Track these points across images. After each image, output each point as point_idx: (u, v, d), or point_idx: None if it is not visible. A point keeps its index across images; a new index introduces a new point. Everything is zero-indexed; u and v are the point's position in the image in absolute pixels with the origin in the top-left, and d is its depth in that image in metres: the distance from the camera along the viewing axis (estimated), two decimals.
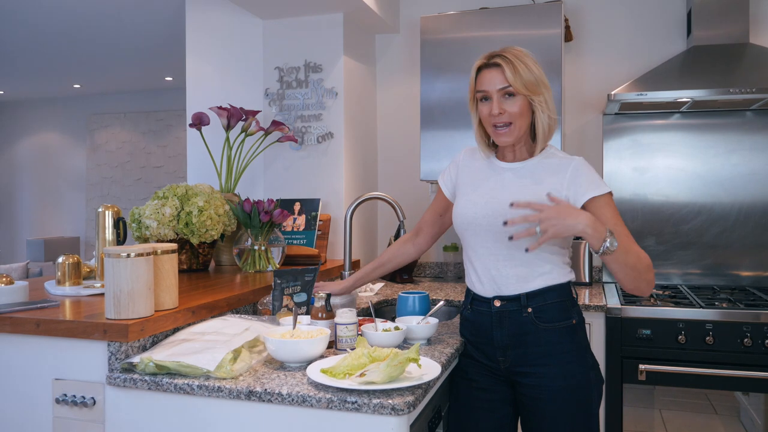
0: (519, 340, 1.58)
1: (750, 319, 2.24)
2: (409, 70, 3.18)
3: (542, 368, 1.56)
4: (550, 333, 1.57)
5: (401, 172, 3.22)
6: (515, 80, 1.52)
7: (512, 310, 1.59)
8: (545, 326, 1.57)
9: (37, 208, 8.58)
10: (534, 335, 1.57)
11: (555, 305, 1.57)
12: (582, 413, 1.55)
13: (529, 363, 1.58)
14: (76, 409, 1.48)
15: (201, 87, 3.07)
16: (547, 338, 1.56)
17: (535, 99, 1.54)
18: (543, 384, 1.56)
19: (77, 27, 4.97)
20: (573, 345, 1.57)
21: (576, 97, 2.98)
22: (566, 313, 1.58)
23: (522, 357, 1.59)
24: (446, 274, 3.05)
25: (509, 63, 1.53)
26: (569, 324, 1.58)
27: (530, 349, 1.57)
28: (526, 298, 1.57)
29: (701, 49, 2.66)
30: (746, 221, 2.78)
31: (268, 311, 1.85)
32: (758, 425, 2.26)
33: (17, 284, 1.70)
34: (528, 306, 1.57)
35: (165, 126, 7.99)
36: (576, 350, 1.57)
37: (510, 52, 1.56)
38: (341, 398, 1.24)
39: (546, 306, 1.57)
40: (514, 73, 1.52)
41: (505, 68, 1.53)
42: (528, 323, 1.57)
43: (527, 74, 1.52)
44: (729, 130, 2.80)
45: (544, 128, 1.56)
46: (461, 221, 1.66)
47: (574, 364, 1.56)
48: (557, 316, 1.57)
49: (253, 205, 2.27)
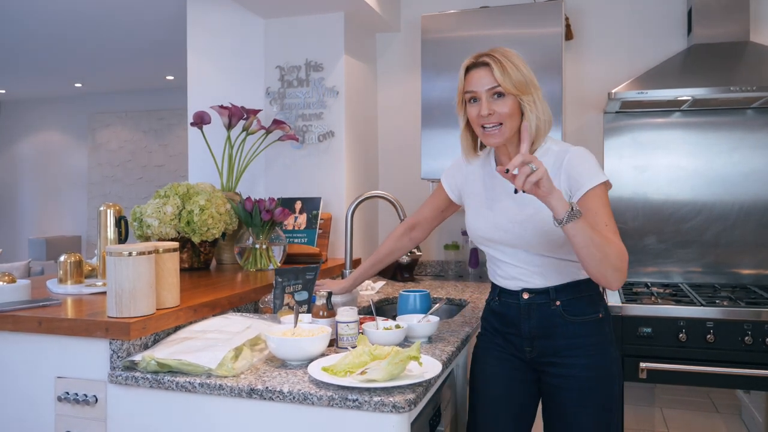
0: (547, 332, 1.60)
1: (751, 317, 2.24)
2: (410, 69, 3.19)
3: (568, 359, 1.58)
4: (578, 326, 1.58)
5: (402, 170, 3.22)
6: (504, 80, 1.51)
7: (540, 303, 1.60)
8: (573, 319, 1.58)
9: (39, 207, 8.60)
10: (562, 327, 1.58)
11: (583, 299, 1.59)
12: (603, 406, 1.56)
13: (555, 354, 1.60)
14: (78, 407, 1.49)
15: (202, 86, 3.07)
16: (574, 330, 1.58)
17: (524, 99, 1.52)
18: (568, 374, 1.58)
19: (78, 26, 4.98)
20: (599, 338, 1.58)
21: (576, 95, 2.98)
22: (594, 307, 1.60)
23: (549, 348, 1.60)
24: (447, 272, 3.05)
25: (498, 62, 1.52)
26: (596, 317, 1.59)
27: (558, 341, 1.59)
28: (555, 291, 1.59)
29: (702, 48, 2.66)
30: (747, 219, 2.78)
31: (270, 310, 1.85)
32: (759, 423, 2.26)
33: (19, 283, 1.70)
34: (556, 299, 1.59)
35: (166, 125, 8.00)
36: (601, 343, 1.58)
37: (498, 51, 1.55)
38: (342, 396, 1.25)
39: (574, 299, 1.59)
40: (503, 72, 1.51)
41: (494, 68, 1.52)
42: (556, 316, 1.59)
43: (516, 74, 1.51)
44: (730, 129, 2.80)
45: (531, 129, 1.53)
46: (476, 236, 1.70)
47: (598, 356, 1.57)
48: (585, 310, 1.59)
49: (255, 203, 2.27)
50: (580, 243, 1.37)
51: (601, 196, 1.50)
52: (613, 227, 1.48)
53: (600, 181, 1.50)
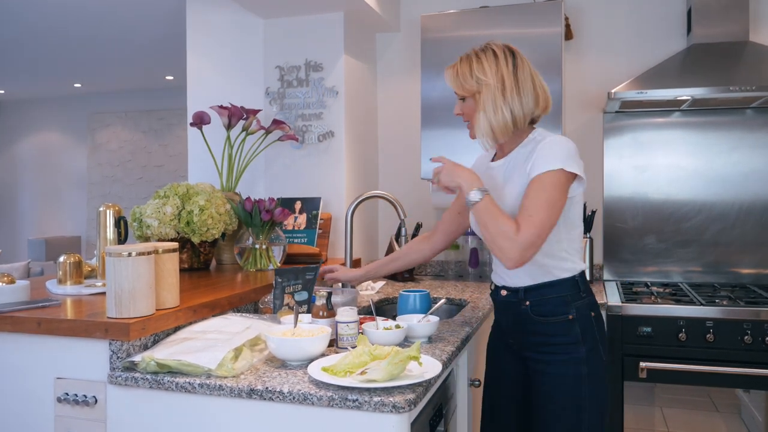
0: (520, 328, 1.67)
1: (750, 316, 2.24)
2: (410, 69, 3.18)
3: (540, 355, 1.64)
4: (547, 325, 1.62)
5: (402, 170, 3.22)
6: (455, 84, 1.64)
7: (513, 301, 1.67)
8: (541, 319, 1.62)
9: (39, 208, 8.60)
10: (531, 326, 1.64)
11: (552, 300, 1.61)
12: (571, 405, 1.59)
13: (530, 348, 1.67)
14: (77, 407, 1.49)
15: (202, 86, 3.07)
16: (543, 329, 1.62)
17: (476, 98, 1.61)
18: (542, 370, 1.63)
19: (78, 26, 4.98)
20: (568, 338, 1.60)
21: (576, 95, 2.98)
22: (564, 308, 1.60)
23: (525, 342, 1.68)
24: (447, 272, 3.05)
25: (453, 68, 1.64)
26: (565, 318, 1.60)
27: (530, 338, 1.66)
28: (524, 291, 1.64)
29: (701, 47, 2.66)
30: (747, 219, 2.78)
31: (269, 310, 1.85)
32: (759, 422, 2.26)
33: (18, 283, 1.70)
34: (525, 299, 1.64)
35: (166, 125, 8.00)
36: (571, 343, 1.60)
37: (470, 51, 1.64)
38: (342, 396, 1.25)
39: (543, 300, 1.62)
40: (455, 77, 1.63)
41: (449, 72, 1.65)
42: (526, 315, 1.64)
43: (465, 77, 1.60)
44: (729, 128, 2.80)
45: (482, 126, 1.59)
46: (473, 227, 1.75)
47: (566, 355, 1.60)
48: (554, 311, 1.61)
49: (254, 203, 2.27)
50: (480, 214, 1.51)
51: (546, 182, 1.50)
52: (540, 211, 1.46)
53: (550, 167, 1.50)
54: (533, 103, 1.61)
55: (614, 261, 2.92)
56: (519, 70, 1.60)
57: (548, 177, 1.50)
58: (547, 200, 1.48)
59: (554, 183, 1.50)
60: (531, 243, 1.46)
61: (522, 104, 1.59)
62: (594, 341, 1.61)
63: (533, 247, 1.47)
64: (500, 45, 1.64)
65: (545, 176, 1.50)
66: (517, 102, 1.58)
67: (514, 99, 1.58)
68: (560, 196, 1.51)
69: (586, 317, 1.62)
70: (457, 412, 1.83)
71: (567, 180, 1.52)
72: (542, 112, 1.65)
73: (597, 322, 1.63)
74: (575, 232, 1.64)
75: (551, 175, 1.50)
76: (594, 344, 1.61)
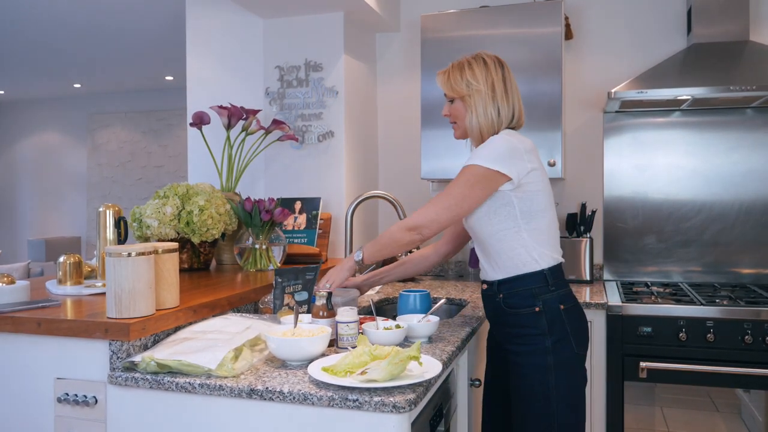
0: (497, 320, 1.78)
1: (751, 316, 2.24)
2: (410, 69, 3.18)
3: (512, 346, 1.73)
4: (517, 317, 1.70)
5: (402, 170, 3.22)
6: (446, 86, 1.76)
7: (490, 294, 1.77)
8: (511, 311, 1.71)
9: (38, 208, 8.59)
10: (504, 317, 1.74)
11: (520, 293, 1.69)
12: (538, 394, 1.65)
13: (507, 341, 1.76)
14: (77, 408, 1.49)
15: (201, 86, 3.07)
16: (514, 321, 1.71)
17: (466, 101, 1.73)
18: (513, 359, 1.72)
19: (77, 27, 4.98)
20: (535, 329, 1.67)
21: (576, 95, 2.98)
22: (531, 300, 1.68)
23: (501, 334, 1.78)
24: (447, 272, 3.05)
25: (445, 72, 1.77)
26: (532, 311, 1.68)
27: (505, 329, 1.76)
28: (498, 284, 1.73)
29: (701, 47, 2.66)
30: (747, 219, 2.78)
31: (270, 310, 1.85)
32: (759, 422, 2.26)
33: (18, 284, 1.70)
34: (499, 292, 1.73)
35: (166, 125, 8.00)
36: (538, 335, 1.67)
37: (461, 58, 1.78)
38: (342, 396, 1.25)
39: (513, 293, 1.70)
40: (446, 80, 1.76)
41: (441, 75, 1.78)
42: (500, 307, 1.73)
43: (456, 80, 1.73)
44: (729, 128, 2.80)
45: (471, 127, 1.72)
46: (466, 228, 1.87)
47: (533, 346, 1.67)
48: (522, 303, 1.69)
49: (254, 204, 2.27)
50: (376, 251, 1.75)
51: (468, 174, 1.64)
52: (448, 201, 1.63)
53: (469, 162, 1.65)
54: (514, 112, 1.74)
55: (614, 261, 2.92)
56: (507, 80, 1.74)
57: (465, 170, 1.65)
58: (452, 192, 1.64)
59: (467, 177, 1.63)
60: (420, 224, 1.65)
61: (507, 109, 1.72)
62: (562, 333, 1.66)
63: (424, 228, 1.65)
64: (491, 55, 1.76)
65: (463, 169, 1.66)
66: (504, 106, 1.72)
67: (503, 103, 1.71)
68: (469, 191, 1.63)
69: (554, 310, 1.67)
70: (458, 411, 1.83)
71: (483, 176, 1.62)
72: (516, 125, 1.76)
73: (567, 314, 1.68)
74: (538, 223, 1.69)
75: (467, 169, 1.65)
76: (562, 336, 1.66)
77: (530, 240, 1.67)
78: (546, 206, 1.70)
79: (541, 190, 1.68)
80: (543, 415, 1.65)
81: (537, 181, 1.67)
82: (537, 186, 1.67)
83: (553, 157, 2.59)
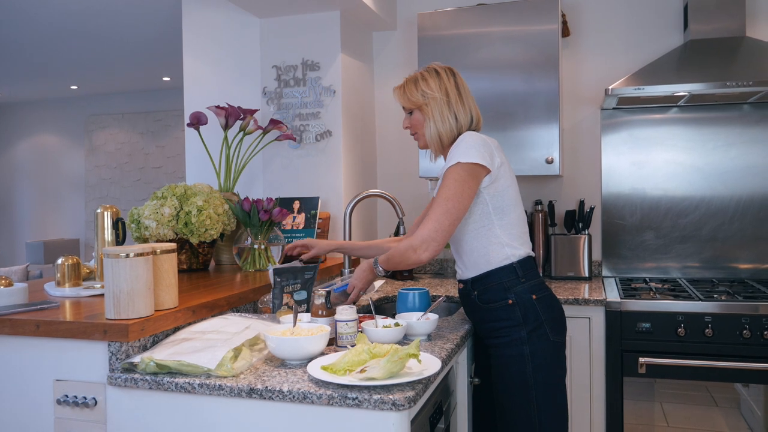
0: (474, 317, 1.83)
1: (749, 311, 2.25)
2: (407, 67, 3.18)
3: (490, 340, 1.78)
4: (491, 311, 1.75)
5: (400, 169, 3.22)
6: (402, 99, 1.82)
7: (465, 292, 1.83)
8: (485, 306, 1.76)
9: (36, 211, 8.58)
10: (480, 313, 1.79)
11: (492, 287, 1.74)
12: (518, 383, 1.71)
13: (485, 336, 1.81)
14: (77, 409, 1.49)
15: (199, 86, 3.07)
16: (489, 315, 1.76)
17: (423, 110, 1.79)
18: (492, 352, 1.78)
19: (74, 28, 4.97)
20: (509, 322, 1.72)
21: (573, 92, 2.98)
22: (503, 294, 1.73)
23: (480, 330, 1.83)
24: (446, 270, 3.06)
25: (400, 87, 1.83)
26: (505, 303, 1.73)
27: (482, 325, 1.81)
28: (471, 282, 1.79)
29: (698, 43, 2.66)
30: (744, 214, 2.78)
31: (269, 309, 1.85)
32: (758, 417, 2.26)
33: (17, 286, 1.70)
34: (474, 290, 1.79)
35: (163, 126, 7.99)
36: (512, 326, 1.72)
37: (416, 73, 1.83)
38: (342, 394, 1.25)
39: (486, 288, 1.76)
40: (402, 93, 1.82)
41: (397, 90, 1.83)
42: (475, 303, 1.79)
43: (412, 92, 1.79)
44: (726, 124, 2.80)
45: (431, 134, 1.78)
46: None
47: (508, 338, 1.73)
48: (494, 297, 1.74)
49: (253, 204, 2.27)
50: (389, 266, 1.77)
51: (449, 174, 1.67)
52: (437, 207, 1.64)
53: (450, 164, 1.67)
54: (472, 116, 1.80)
55: (613, 257, 2.92)
56: (460, 86, 1.80)
57: (447, 173, 1.67)
58: (444, 196, 1.65)
59: (453, 177, 1.66)
60: (427, 237, 1.63)
61: (464, 113, 1.78)
62: (537, 322, 1.71)
63: (431, 240, 1.63)
64: (442, 65, 1.82)
65: (445, 173, 1.68)
66: (461, 110, 1.78)
67: (458, 108, 1.77)
68: (460, 188, 1.65)
69: (527, 300, 1.72)
70: (458, 409, 1.83)
71: (467, 172, 1.66)
72: (475, 128, 1.82)
73: (540, 303, 1.73)
74: (509, 218, 1.75)
75: (449, 171, 1.67)
76: (537, 325, 1.71)
77: (503, 235, 1.74)
78: (515, 201, 1.77)
79: (510, 186, 1.75)
80: (524, 405, 1.70)
81: (506, 176, 1.74)
82: (506, 182, 1.74)
83: (551, 154, 2.59)
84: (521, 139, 2.62)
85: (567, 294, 2.44)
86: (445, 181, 1.67)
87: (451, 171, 1.66)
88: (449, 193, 1.64)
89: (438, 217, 1.64)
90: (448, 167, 1.68)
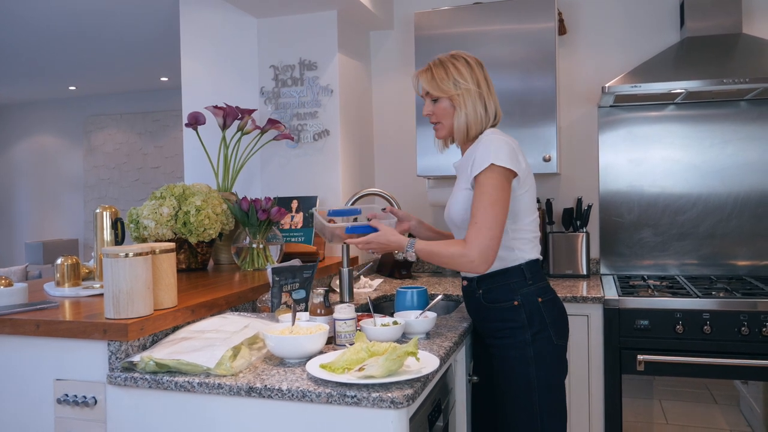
0: (478, 315, 1.81)
1: (747, 308, 2.25)
2: (404, 66, 3.19)
3: (494, 340, 1.76)
4: (496, 311, 1.73)
5: (398, 168, 3.23)
6: (430, 85, 1.75)
7: (470, 290, 1.80)
8: (490, 306, 1.74)
9: (35, 211, 8.58)
10: (484, 312, 1.77)
11: (499, 288, 1.73)
12: (522, 386, 1.69)
13: (488, 335, 1.79)
14: (77, 408, 1.49)
15: (196, 87, 3.07)
16: (494, 315, 1.74)
17: (455, 100, 1.73)
18: (494, 353, 1.76)
19: (71, 29, 4.97)
20: (514, 323, 1.70)
21: (570, 90, 2.99)
22: (509, 295, 1.71)
23: (483, 329, 1.81)
24: (444, 269, 3.06)
25: (428, 70, 1.76)
26: (511, 304, 1.71)
27: (485, 324, 1.79)
28: (477, 281, 1.77)
29: (695, 40, 2.66)
30: (742, 211, 2.79)
31: (267, 308, 1.86)
32: (757, 413, 2.27)
33: (16, 286, 1.70)
34: (479, 288, 1.76)
35: (161, 126, 7.99)
36: (517, 328, 1.70)
37: (438, 58, 1.77)
38: (341, 393, 1.25)
39: (492, 288, 1.74)
40: (431, 79, 1.75)
41: (423, 75, 1.77)
42: (480, 302, 1.77)
43: (443, 79, 1.73)
44: (723, 121, 2.81)
45: (460, 125, 1.73)
46: None
47: (512, 339, 1.71)
48: (500, 297, 1.72)
49: (251, 203, 2.27)
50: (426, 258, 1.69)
51: (484, 183, 1.62)
52: (484, 215, 1.59)
53: (484, 166, 1.61)
54: (496, 108, 1.77)
55: (611, 255, 2.93)
56: (488, 78, 1.77)
57: (484, 177, 1.62)
58: (489, 201, 1.60)
59: (492, 182, 1.61)
60: (485, 247, 1.59)
61: (492, 106, 1.75)
62: (542, 325, 1.70)
63: (489, 250, 1.59)
64: (469, 55, 1.78)
65: (481, 177, 1.63)
66: (490, 103, 1.75)
67: (488, 101, 1.75)
68: (500, 193, 1.61)
69: (533, 303, 1.70)
70: (456, 407, 1.83)
71: (503, 175, 1.62)
72: (497, 121, 1.79)
73: (545, 306, 1.71)
74: (522, 223, 1.73)
75: (486, 175, 1.62)
76: (541, 328, 1.69)
77: (513, 239, 1.71)
78: (530, 207, 1.74)
79: (527, 191, 1.72)
80: (526, 407, 1.68)
81: (527, 182, 1.72)
82: (525, 187, 1.71)
83: (549, 153, 2.59)
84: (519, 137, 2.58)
85: (565, 292, 2.44)
86: (485, 187, 1.61)
87: (490, 174, 1.61)
88: (493, 198, 1.60)
89: (488, 223, 1.58)
90: (482, 169, 1.61)
